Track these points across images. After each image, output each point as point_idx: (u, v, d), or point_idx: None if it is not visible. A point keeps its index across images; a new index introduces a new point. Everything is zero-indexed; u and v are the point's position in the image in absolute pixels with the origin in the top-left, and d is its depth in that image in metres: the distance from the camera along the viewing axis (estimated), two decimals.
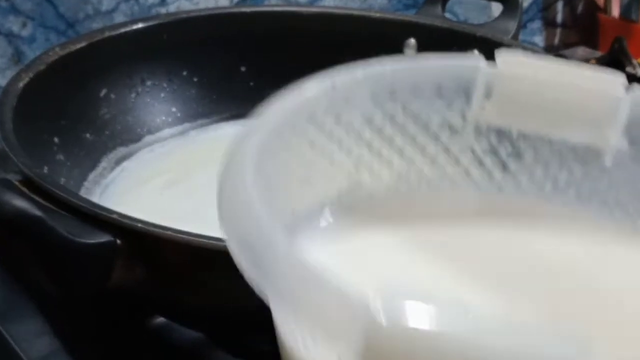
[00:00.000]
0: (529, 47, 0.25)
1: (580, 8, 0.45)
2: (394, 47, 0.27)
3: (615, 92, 0.12)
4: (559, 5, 0.44)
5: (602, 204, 0.13)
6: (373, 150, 0.13)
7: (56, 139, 0.21)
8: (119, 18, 0.29)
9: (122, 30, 0.24)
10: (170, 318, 0.19)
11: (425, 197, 0.13)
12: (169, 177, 0.24)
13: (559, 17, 0.45)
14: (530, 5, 0.43)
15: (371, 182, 0.12)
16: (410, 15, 0.28)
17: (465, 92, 0.13)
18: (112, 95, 0.24)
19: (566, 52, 0.41)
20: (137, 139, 0.25)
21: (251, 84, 0.27)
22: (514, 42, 0.25)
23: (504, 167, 0.13)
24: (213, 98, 0.26)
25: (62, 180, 0.21)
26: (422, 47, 0.26)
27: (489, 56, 0.26)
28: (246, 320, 0.17)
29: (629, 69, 0.34)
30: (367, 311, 0.08)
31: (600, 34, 0.43)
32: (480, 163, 0.13)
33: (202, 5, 0.32)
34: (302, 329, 0.10)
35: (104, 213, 0.15)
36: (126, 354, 0.19)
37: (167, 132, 0.25)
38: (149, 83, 0.25)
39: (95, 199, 0.22)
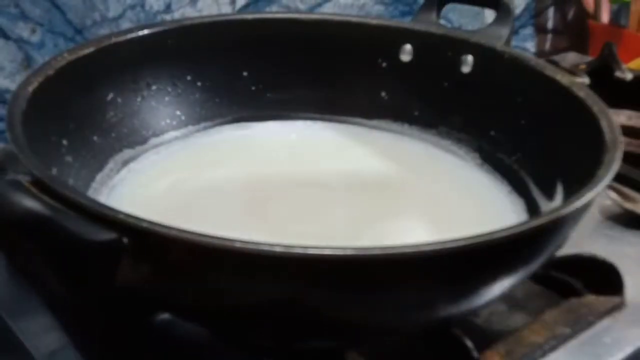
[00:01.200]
0: (521, 52, 0.26)
1: (570, 14, 0.46)
2: (390, 53, 0.27)
3: None
4: (550, 12, 0.45)
5: None
6: None
7: (64, 142, 0.21)
8: (125, 24, 0.30)
9: (129, 36, 0.24)
10: (175, 314, 0.19)
11: None
12: (173, 178, 0.24)
13: (550, 24, 0.45)
14: (523, 11, 0.44)
15: None
16: (406, 22, 0.28)
17: None
18: (119, 99, 0.24)
19: (557, 57, 0.42)
20: (143, 141, 0.25)
21: (252, 88, 0.27)
22: (507, 48, 0.26)
23: None
24: (216, 102, 0.27)
25: (70, 181, 0.21)
26: (418, 53, 0.27)
27: (482, 61, 0.27)
28: (249, 316, 0.17)
29: (618, 74, 0.34)
30: None
31: (590, 39, 0.43)
32: None
33: (205, 13, 0.32)
34: None
35: (111, 212, 0.15)
36: (132, 349, 0.19)
37: (171, 134, 0.26)
38: (154, 87, 0.25)
39: (103, 199, 0.22)
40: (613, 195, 0.27)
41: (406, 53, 0.27)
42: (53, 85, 0.21)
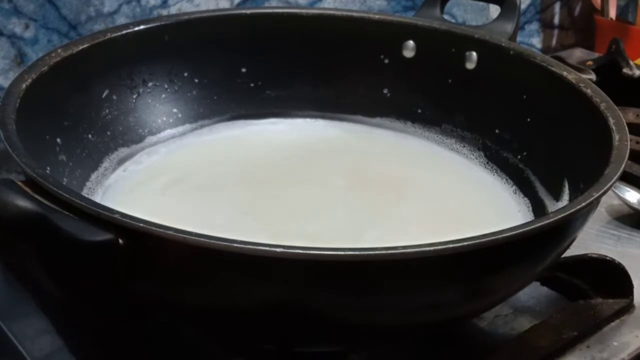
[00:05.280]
0: (527, 48, 0.26)
1: (577, 10, 0.45)
2: (393, 49, 0.27)
3: None
4: (557, 7, 0.45)
5: None
6: None
7: (58, 140, 0.21)
8: (120, 20, 0.29)
9: (124, 31, 0.24)
10: (172, 317, 0.19)
11: None
12: (171, 178, 0.24)
13: (557, 19, 0.45)
14: (528, 7, 0.43)
15: None
16: (409, 17, 0.28)
17: None
18: (114, 97, 0.24)
19: (563, 53, 0.41)
20: (139, 139, 0.25)
21: (251, 85, 0.27)
22: (512, 44, 0.25)
23: None
24: (214, 99, 0.26)
25: (65, 181, 0.21)
26: (421, 49, 0.27)
27: (487, 57, 0.27)
28: (247, 318, 0.17)
29: (626, 71, 0.34)
30: None
31: (597, 35, 0.43)
32: None
33: (203, 7, 0.31)
34: None
35: (106, 213, 0.15)
36: (128, 353, 0.19)
37: (168, 132, 0.25)
38: (150, 84, 0.25)
39: (98, 199, 0.22)
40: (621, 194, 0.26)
41: (409, 49, 0.27)
42: (47, 82, 0.21)
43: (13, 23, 0.27)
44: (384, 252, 0.15)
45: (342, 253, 0.15)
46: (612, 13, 0.43)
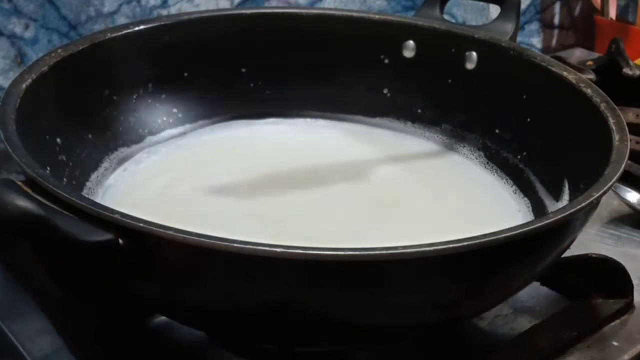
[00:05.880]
0: (526, 48, 0.26)
1: (577, 10, 0.45)
2: (392, 49, 0.27)
3: None
4: (557, 7, 0.45)
5: None
6: None
7: (58, 140, 0.21)
8: (120, 20, 0.29)
9: (124, 31, 0.24)
10: (172, 317, 0.19)
11: None
12: (170, 177, 0.24)
13: (557, 19, 0.45)
14: (528, 7, 0.43)
15: None
16: (409, 17, 0.28)
17: None
18: (114, 97, 0.24)
19: (563, 53, 0.41)
20: (139, 139, 0.25)
21: (251, 85, 0.27)
22: (512, 44, 0.25)
23: None
24: (214, 99, 0.26)
25: (65, 181, 0.21)
26: (421, 49, 0.27)
27: (487, 57, 0.27)
28: (247, 318, 0.17)
29: (626, 71, 0.34)
30: None
31: (597, 35, 0.43)
32: None
33: (202, 7, 0.32)
34: None
35: (106, 213, 0.15)
36: (128, 353, 0.19)
37: (168, 132, 0.25)
38: (150, 84, 0.25)
39: (98, 199, 0.22)
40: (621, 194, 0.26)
41: (409, 49, 0.27)
42: (47, 82, 0.21)
43: (13, 23, 0.27)
44: (384, 252, 0.15)
45: (342, 253, 0.15)
46: (612, 13, 0.43)
